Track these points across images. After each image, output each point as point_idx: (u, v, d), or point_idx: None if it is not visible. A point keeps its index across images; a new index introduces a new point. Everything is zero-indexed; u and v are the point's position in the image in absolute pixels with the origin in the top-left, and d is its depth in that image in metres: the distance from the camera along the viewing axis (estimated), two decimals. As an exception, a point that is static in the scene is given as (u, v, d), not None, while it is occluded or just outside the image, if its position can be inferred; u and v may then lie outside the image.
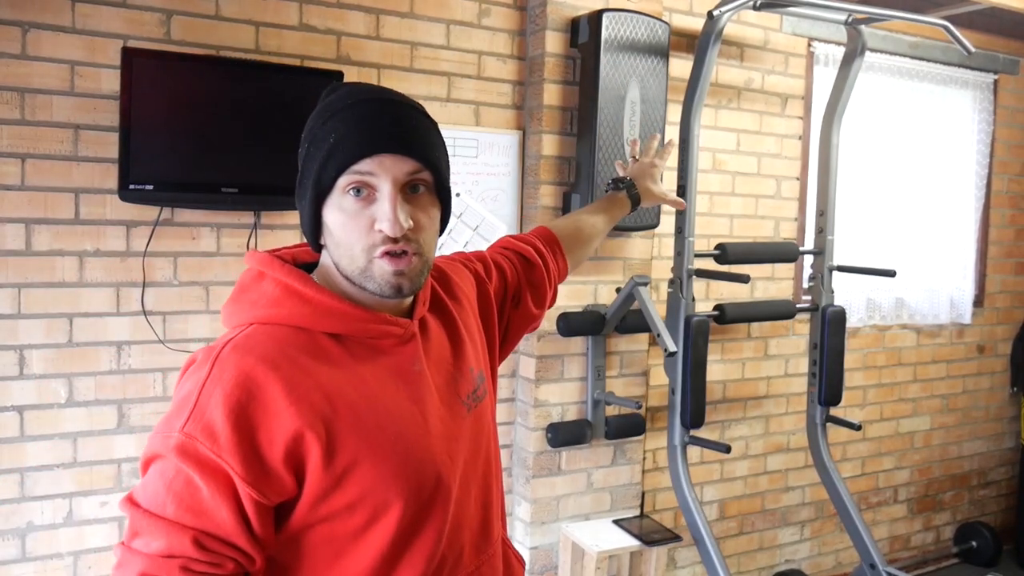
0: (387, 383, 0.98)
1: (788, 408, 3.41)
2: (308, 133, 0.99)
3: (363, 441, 0.93)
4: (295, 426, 0.88)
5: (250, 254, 1.03)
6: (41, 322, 2.12)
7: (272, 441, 0.88)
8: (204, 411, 0.88)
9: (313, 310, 0.96)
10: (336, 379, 0.94)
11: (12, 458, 2.11)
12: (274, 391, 0.89)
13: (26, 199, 2.08)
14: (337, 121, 0.95)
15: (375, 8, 2.45)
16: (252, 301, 0.98)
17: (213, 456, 0.86)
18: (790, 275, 3.36)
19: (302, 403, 0.89)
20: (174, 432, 0.88)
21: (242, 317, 0.98)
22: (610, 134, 2.56)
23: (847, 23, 2.82)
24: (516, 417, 2.77)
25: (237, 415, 0.87)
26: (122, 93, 2.05)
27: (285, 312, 0.96)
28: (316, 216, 0.97)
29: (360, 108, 0.95)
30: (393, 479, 0.94)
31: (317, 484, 0.90)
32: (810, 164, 3.30)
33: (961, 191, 3.83)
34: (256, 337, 0.94)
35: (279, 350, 0.92)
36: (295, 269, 0.99)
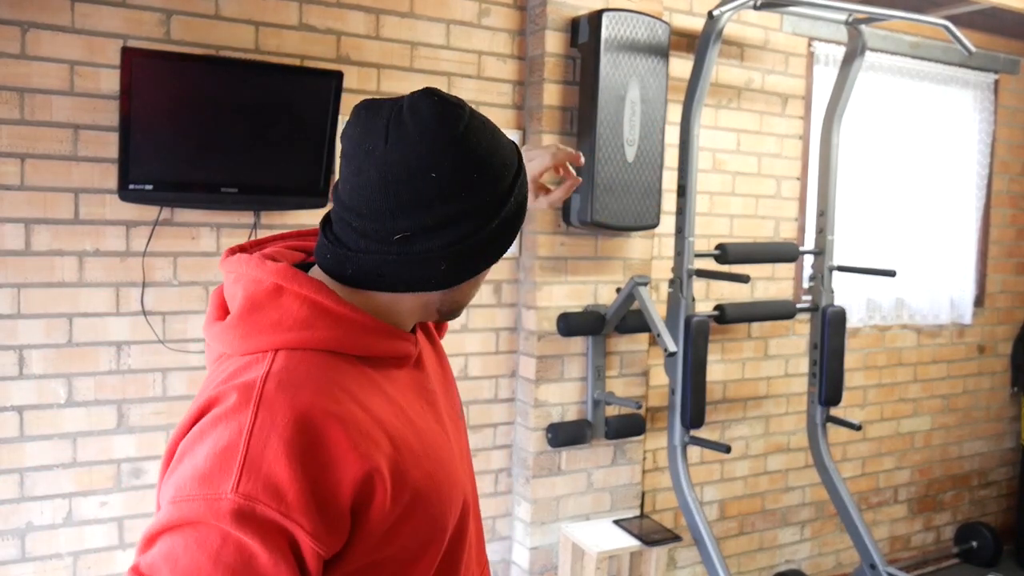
0: (416, 406, 0.91)
1: (788, 408, 3.41)
2: (514, 189, 0.89)
3: (422, 473, 0.85)
4: (366, 467, 0.77)
5: (254, 261, 0.88)
6: (41, 322, 2.12)
7: (339, 489, 0.76)
8: (259, 465, 0.73)
9: (347, 331, 0.84)
10: (387, 411, 0.85)
11: (12, 458, 2.11)
12: (336, 433, 0.77)
13: (26, 199, 2.08)
14: (525, 183, 0.92)
15: (375, 8, 2.45)
16: (274, 322, 0.83)
17: (280, 518, 0.73)
18: (790, 275, 3.35)
19: (368, 444, 0.79)
20: (224, 495, 0.72)
21: (262, 342, 0.83)
22: (610, 134, 2.55)
23: (847, 23, 2.82)
24: (516, 417, 2.77)
25: (302, 465, 0.74)
26: (122, 93, 2.05)
27: (318, 335, 0.83)
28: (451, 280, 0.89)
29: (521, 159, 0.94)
30: (443, 511, 0.88)
31: (376, 529, 0.80)
32: (810, 164, 3.29)
33: (962, 191, 3.83)
34: (298, 369, 0.81)
35: (330, 383, 0.81)
36: (319, 282, 0.86)
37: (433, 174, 0.83)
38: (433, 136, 0.83)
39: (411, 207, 0.83)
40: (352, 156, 0.86)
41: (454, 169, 0.83)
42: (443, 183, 0.83)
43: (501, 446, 2.76)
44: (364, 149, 0.84)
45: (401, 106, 0.85)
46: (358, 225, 0.85)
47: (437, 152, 0.83)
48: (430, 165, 0.83)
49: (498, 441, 2.76)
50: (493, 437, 2.75)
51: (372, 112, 0.86)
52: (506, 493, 2.78)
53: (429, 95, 0.86)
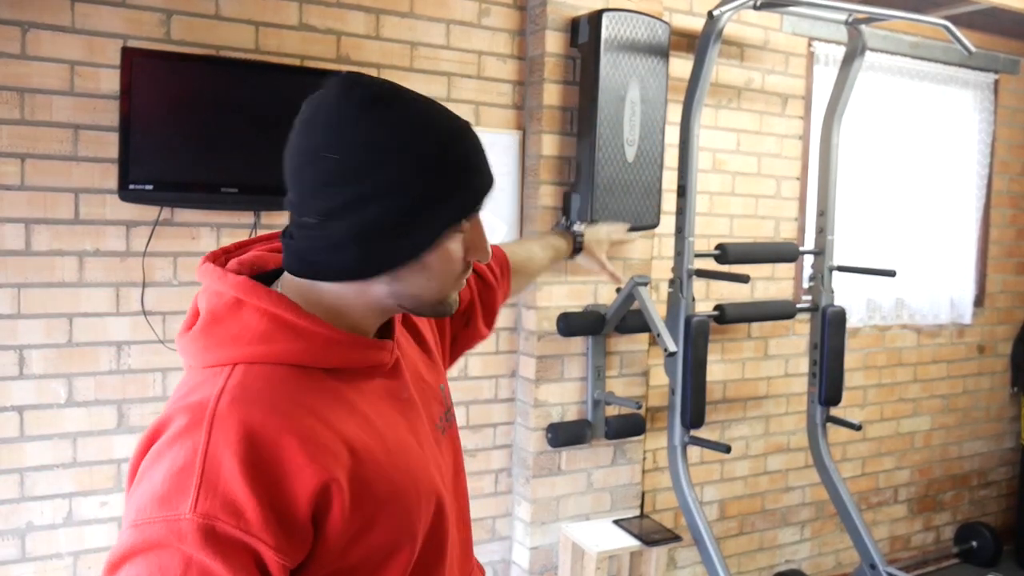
0: (387, 416, 0.89)
1: (788, 408, 3.41)
2: (435, 162, 0.83)
3: (386, 485, 0.84)
4: (320, 479, 0.77)
5: (217, 273, 0.86)
6: (41, 322, 2.12)
7: (297, 501, 0.76)
8: (215, 483, 0.73)
9: (308, 344, 0.83)
10: (348, 423, 0.83)
11: (12, 458, 2.11)
12: (290, 445, 0.77)
13: (26, 199, 2.08)
14: (470, 147, 0.87)
15: (375, 8, 2.45)
16: (233, 336, 0.82)
17: (241, 535, 0.73)
18: (790, 275, 3.35)
19: (324, 456, 0.78)
20: (183, 515, 0.72)
21: (221, 355, 0.82)
22: (610, 134, 2.56)
23: (847, 23, 2.82)
24: (516, 417, 2.77)
25: (257, 481, 0.74)
26: (122, 93, 2.05)
27: (278, 349, 0.82)
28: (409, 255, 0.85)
29: (470, 130, 0.89)
30: (411, 519, 0.87)
31: (340, 538, 0.80)
32: (810, 164, 3.30)
33: (962, 191, 3.83)
34: (254, 384, 0.80)
35: (285, 397, 0.80)
36: (280, 295, 0.85)
37: (329, 154, 0.82)
38: (333, 118, 0.82)
39: (316, 190, 0.83)
40: (285, 150, 0.88)
41: (350, 150, 0.81)
42: (341, 164, 0.81)
43: (501, 446, 2.76)
44: (288, 140, 0.87)
45: (322, 92, 0.86)
46: (291, 215, 0.87)
47: (334, 133, 0.82)
48: (331, 144, 0.82)
49: (498, 441, 2.76)
50: (493, 437, 2.75)
51: (305, 104, 0.88)
52: (506, 493, 2.79)
53: (343, 78, 0.85)
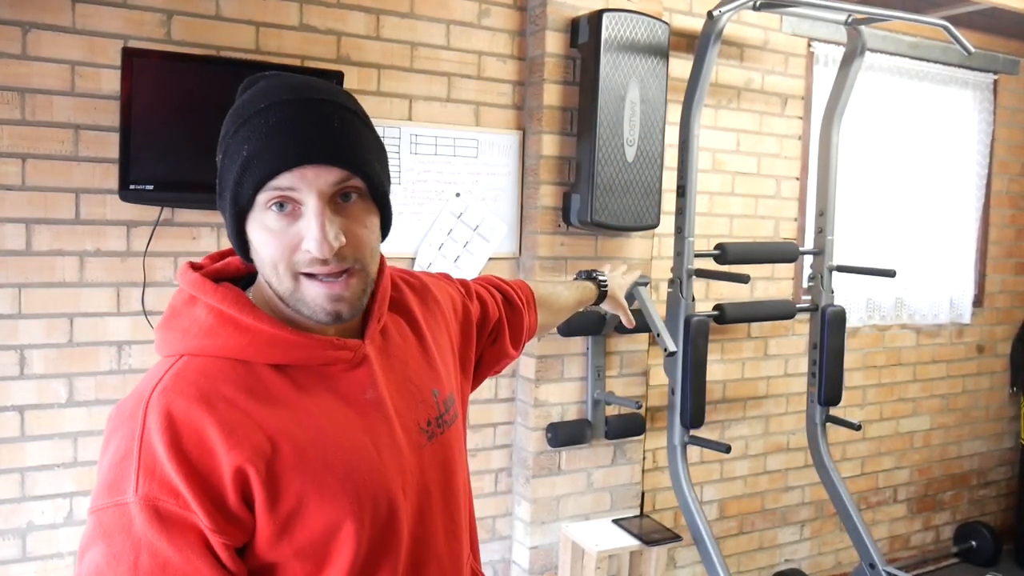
0: (336, 414, 0.89)
1: (788, 408, 3.41)
2: (221, 141, 0.89)
3: (309, 481, 0.84)
4: (236, 463, 0.80)
5: (182, 271, 0.92)
6: (41, 322, 2.12)
7: (223, 483, 0.80)
8: (153, 467, 0.79)
9: (251, 340, 0.86)
10: (278, 416, 0.85)
11: (12, 458, 2.11)
12: (211, 432, 0.81)
13: (26, 199, 2.08)
14: (249, 129, 0.85)
15: (375, 8, 2.45)
16: (184, 329, 0.88)
17: (181, 511, 0.78)
18: (790, 275, 3.36)
19: (242, 443, 0.81)
20: (126, 499, 0.78)
21: (172, 347, 0.88)
22: (610, 134, 2.56)
23: (847, 23, 2.82)
24: (516, 417, 2.77)
25: (187, 462, 0.79)
26: (122, 93, 2.05)
27: (220, 343, 0.86)
28: (240, 232, 0.88)
29: (274, 112, 0.84)
30: (343, 519, 0.86)
31: (265, 528, 0.83)
32: (810, 164, 3.30)
33: (961, 191, 3.83)
34: (187, 376, 0.84)
35: (213, 389, 0.83)
36: (231, 290, 0.88)
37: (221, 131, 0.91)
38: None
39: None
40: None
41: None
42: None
43: (501, 446, 2.77)
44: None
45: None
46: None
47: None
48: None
49: (498, 441, 2.76)
50: (493, 437, 2.75)
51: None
52: (506, 493, 2.79)
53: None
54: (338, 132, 0.85)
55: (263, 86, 0.89)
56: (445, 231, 2.59)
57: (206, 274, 0.92)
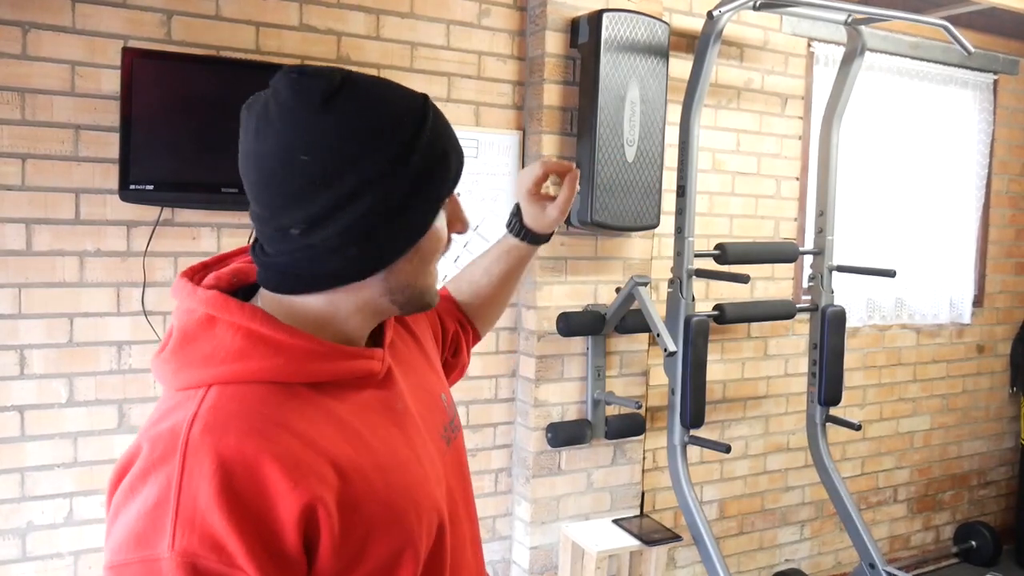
0: (380, 430, 0.83)
1: (788, 408, 3.41)
2: (410, 149, 0.79)
3: (378, 506, 0.78)
4: (303, 501, 0.72)
5: (187, 289, 0.81)
6: (41, 322, 2.12)
7: (283, 528, 0.71)
8: (193, 518, 0.68)
9: (288, 358, 0.78)
10: (335, 440, 0.78)
11: (12, 458, 2.11)
12: (270, 470, 0.71)
13: (26, 199, 2.08)
14: (437, 121, 0.83)
15: (375, 8, 2.45)
16: (206, 356, 0.77)
17: (225, 569, 0.68)
18: (790, 275, 3.36)
19: (308, 477, 0.73)
20: (161, 555, 0.68)
21: (194, 377, 0.77)
22: (610, 134, 2.56)
23: (847, 23, 2.82)
24: (516, 417, 2.77)
25: (238, 510, 0.69)
26: (122, 93, 2.05)
27: (255, 366, 0.77)
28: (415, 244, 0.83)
29: (430, 103, 0.85)
30: (406, 542, 0.80)
31: (327, 567, 0.74)
32: (810, 164, 3.30)
33: (961, 191, 3.83)
34: (227, 407, 0.74)
35: (261, 418, 0.74)
36: (255, 308, 0.79)
37: (304, 156, 0.76)
38: (294, 115, 0.76)
39: (295, 197, 0.77)
40: (240, 162, 0.81)
41: (326, 145, 0.76)
42: (318, 163, 0.76)
43: (501, 446, 2.77)
44: (244, 151, 0.80)
45: (268, 93, 0.80)
46: (264, 229, 0.80)
47: (301, 131, 0.76)
48: (298, 147, 0.76)
49: (498, 441, 2.76)
50: (493, 437, 2.75)
51: (248, 110, 0.81)
52: (506, 493, 2.79)
53: (288, 73, 0.79)
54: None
55: (400, 87, 0.87)
56: (445, 231, 2.59)
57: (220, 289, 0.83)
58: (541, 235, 1.24)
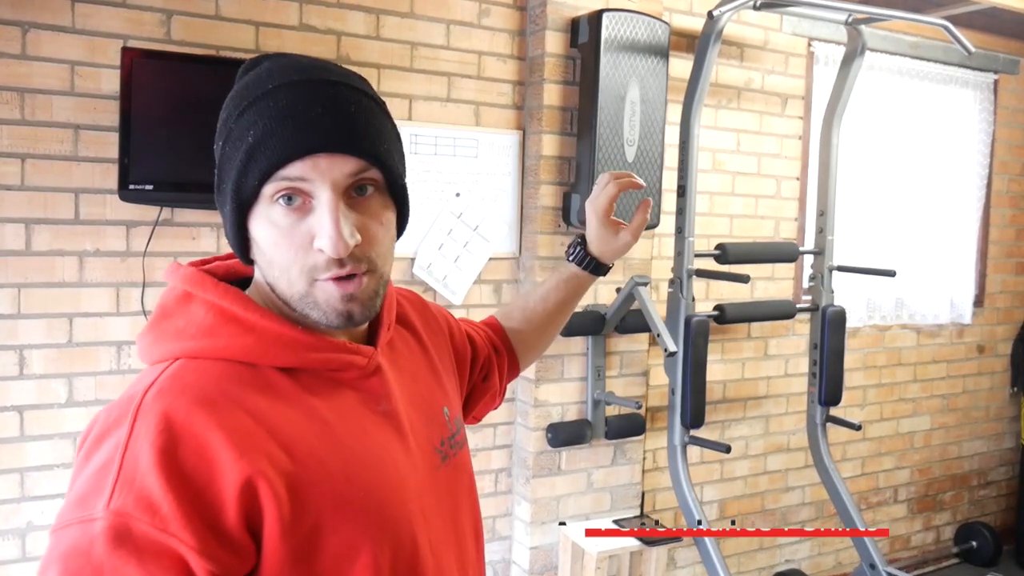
0: (352, 425, 0.80)
1: (788, 408, 3.41)
2: (222, 127, 0.79)
3: (329, 499, 0.74)
4: (246, 474, 0.69)
5: (172, 268, 0.82)
6: (41, 322, 2.12)
7: (223, 499, 0.69)
8: (133, 478, 0.67)
9: (258, 339, 0.76)
10: (293, 422, 0.75)
11: (12, 458, 2.11)
12: (216, 438, 0.70)
13: (26, 199, 2.08)
14: (255, 113, 0.76)
15: (375, 8, 2.45)
16: (178, 330, 0.77)
17: (157, 533, 0.66)
18: (790, 275, 3.36)
19: (255, 451, 0.71)
20: (95, 515, 0.66)
21: (165, 350, 0.77)
22: (610, 134, 2.56)
23: (847, 23, 2.82)
24: (516, 417, 2.77)
25: (177, 474, 0.67)
26: (122, 93, 2.05)
27: (222, 343, 0.76)
28: (241, 228, 0.79)
29: (284, 94, 0.76)
30: (363, 543, 0.76)
31: (275, 554, 0.71)
32: (810, 164, 3.30)
33: (962, 191, 3.83)
34: (186, 376, 0.74)
35: (218, 389, 0.73)
36: (231, 288, 0.79)
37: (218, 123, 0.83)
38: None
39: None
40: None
41: (225, 104, 0.82)
42: (219, 121, 0.82)
43: (501, 446, 2.76)
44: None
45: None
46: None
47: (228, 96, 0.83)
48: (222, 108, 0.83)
49: (498, 441, 2.76)
50: (493, 437, 2.75)
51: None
52: (506, 493, 2.79)
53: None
54: (355, 118, 0.77)
55: (268, 66, 0.79)
56: (445, 231, 2.59)
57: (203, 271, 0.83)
58: (604, 264, 1.21)
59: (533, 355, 1.30)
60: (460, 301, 2.62)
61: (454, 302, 2.61)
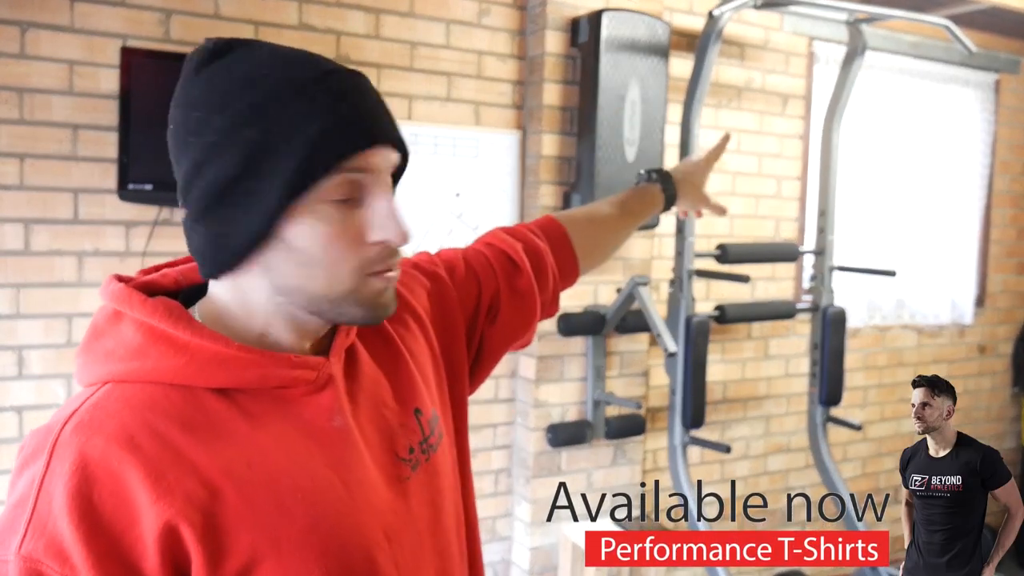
0: (296, 447, 0.74)
1: (788, 408, 3.41)
2: (255, 115, 0.71)
3: (262, 534, 0.69)
4: (165, 517, 0.65)
5: (105, 284, 0.76)
6: (40, 322, 2.12)
7: (143, 545, 0.65)
8: (45, 521, 0.64)
9: (190, 359, 0.71)
10: (221, 453, 0.70)
11: (11, 458, 2.11)
12: (134, 479, 0.66)
13: (25, 199, 2.08)
14: (310, 101, 0.71)
15: (375, 7, 2.45)
16: (107, 352, 0.73)
17: None
18: (790, 275, 3.35)
19: (174, 491, 0.66)
20: (7, 556, 0.64)
21: (94, 373, 0.73)
22: (610, 134, 2.55)
23: (848, 22, 2.81)
24: (516, 417, 2.77)
25: (90, 520, 0.64)
26: (121, 93, 2.05)
27: (151, 365, 0.71)
28: (263, 233, 0.72)
29: (336, 83, 0.73)
30: (313, 574, 0.71)
31: None
32: (810, 164, 3.29)
33: (963, 191, 3.82)
34: (108, 407, 0.69)
35: (139, 422, 0.68)
36: (164, 303, 0.73)
37: (171, 126, 0.75)
38: (181, 81, 0.75)
39: (174, 159, 0.76)
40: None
41: (184, 115, 0.74)
42: (178, 133, 0.74)
43: (501, 446, 2.76)
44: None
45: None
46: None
47: (175, 101, 0.75)
48: (171, 117, 0.75)
49: (498, 441, 2.76)
50: (493, 437, 2.75)
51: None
52: (506, 493, 2.78)
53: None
54: (388, 109, 0.78)
55: (285, 53, 0.75)
56: (445, 231, 2.58)
57: (135, 286, 0.76)
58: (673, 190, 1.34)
59: (592, 261, 1.21)
60: (460, 301, 2.62)
61: (454, 302, 2.61)
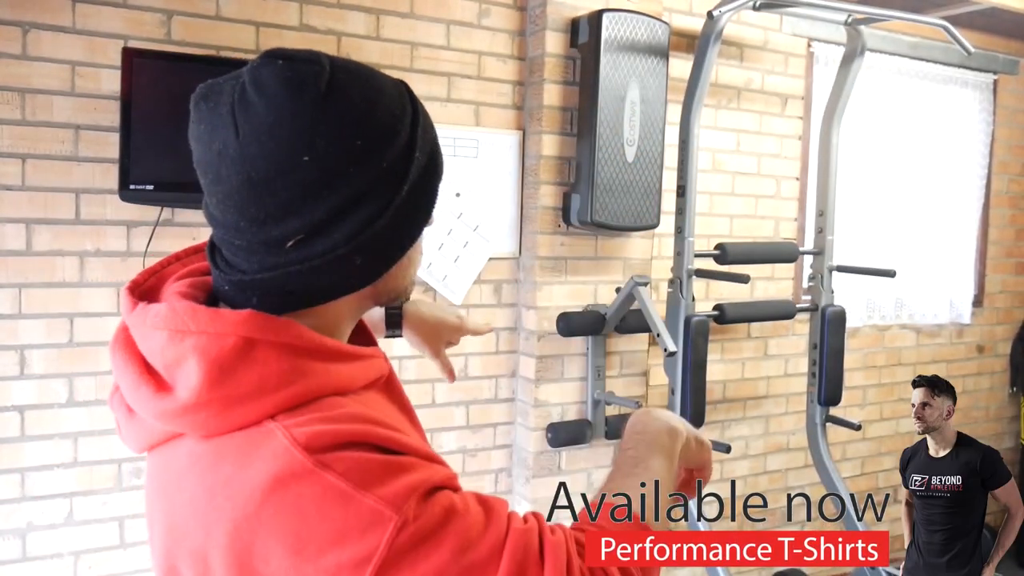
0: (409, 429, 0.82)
1: (788, 408, 3.41)
2: (424, 141, 0.74)
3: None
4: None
5: (202, 312, 0.69)
6: (41, 322, 2.12)
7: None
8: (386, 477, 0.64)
9: (343, 366, 0.73)
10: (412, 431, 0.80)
11: (12, 458, 2.11)
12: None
13: (26, 199, 2.08)
14: (428, 122, 0.77)
15: (375, 8, 2.45)
16: (257, 387, 0.67)
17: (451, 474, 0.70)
18: (790, 275, 3.36)
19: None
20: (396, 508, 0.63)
21: (247, 414, 0.67)
22: (610, 134, 2.56)
23: (847, 23, 2.82)
24: (516, 417, 2.77)
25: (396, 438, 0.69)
26: (122, 93, 2.05)
27: (315, 382, 0.69)
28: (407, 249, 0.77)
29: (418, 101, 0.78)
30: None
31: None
32: (810, 164, 3.30)
33: (961, 191, 3.83)
34: (322, 410, 0.68)
35: (358, 401, 0.72)
36: (289, 321, 0.70)
37: (305, 157, 0.67)
38: (290, 111, 0.67)
39: (294, 205, 0.67)
40: (206, 163, 0.70)
41: (329, 143, 0.67)
42: (322, 165, 0.67)
43: (501, 446, 2.76)
44: (215, 151, 0.69)
45: (243, 84, 0.69)
46: (242, 242, 0.70)
47: (300, 129, 0.67)
48: (298, 148, 0.66)
49: (498, 441, 2.76)
50: (493, 437, 2.75)
51: (212, 101, 0.71)
52: (506, 493, 2.79)
53: (271, 59, 0.69)
54: None
55: (368, 75, 0.73)
56: (445, 231, 2.59)
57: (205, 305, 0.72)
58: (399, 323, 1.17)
59: None
60: (460, 301, 2.62)
61: (454, 302, 2.61)
